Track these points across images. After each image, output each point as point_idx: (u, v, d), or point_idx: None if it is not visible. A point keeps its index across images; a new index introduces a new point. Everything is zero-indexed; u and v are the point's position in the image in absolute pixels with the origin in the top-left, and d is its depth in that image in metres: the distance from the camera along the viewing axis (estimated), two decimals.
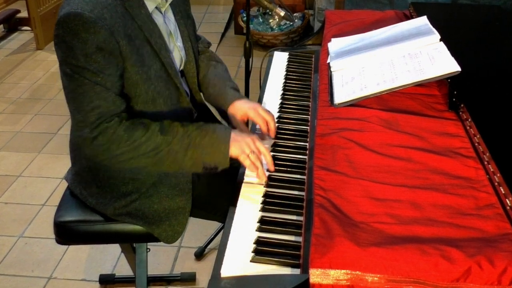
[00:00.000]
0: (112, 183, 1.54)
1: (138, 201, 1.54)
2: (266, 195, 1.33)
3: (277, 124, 1.60)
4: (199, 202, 1.60)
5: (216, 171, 1.42)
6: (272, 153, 1.49)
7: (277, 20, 4.51)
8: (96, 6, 1.32)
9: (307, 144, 1.53)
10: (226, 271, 1.10)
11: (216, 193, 1.61)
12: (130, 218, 1.55)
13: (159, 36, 1.46)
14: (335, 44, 1.89)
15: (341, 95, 1.58)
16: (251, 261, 1.12)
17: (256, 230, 1.21)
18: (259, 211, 1.28)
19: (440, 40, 1.61)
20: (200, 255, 2.38)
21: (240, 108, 1.59)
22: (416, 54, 1.59)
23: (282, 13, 2.35)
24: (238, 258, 1.13)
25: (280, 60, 2.10)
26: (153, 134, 1.37)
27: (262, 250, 1.15)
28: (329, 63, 1.78)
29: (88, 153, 1.40)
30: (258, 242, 1.18)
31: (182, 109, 1.57)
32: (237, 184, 1.40)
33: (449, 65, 1.49)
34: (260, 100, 1.80)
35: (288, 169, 1.43)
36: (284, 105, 1.74)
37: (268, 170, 1.41)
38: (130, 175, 1.52)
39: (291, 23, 4.44)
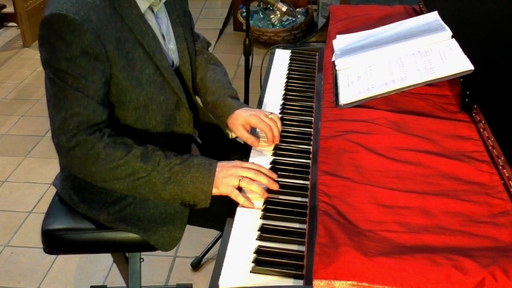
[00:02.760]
0: (106, 186, 1.54)
1: (133, 205, 1.54)
2: (267, 201, 1.33)
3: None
4: (197, 209, 1.59)
5: (195, 208, 1.43)
6: (273, 157, 1.50)
7: (279, 15, 4.52)
8: (82, 7, 1.32)
9: (310, 147, 1.53)
10: (225, 282, 1.10)
11: (214, 200, 1.61)
12: (124, 225, 1.55)
13: (153, 37, 1.47)
14: (340, 41, 1.90)
15: (346, 96, 1.58)
16: (251, 272, 1.12)
17: (257, 239, 1.22)
18: (260, 218, 1.28)
19: (452, 37, 1.62)
20: (197, 265, 2.38)
21: (240, 117, 1.58)
22: (426, 52, 1.60)
23: (284, 8, 2.36)
24: (237, 269, 1.13)
25: (282, 58, 2.11)
26: (133, 159, 1.37)
27: (263, 260, 1.15)
28: (334, 61, 1.79)
29: (63, 162, 1.41)
30: (259, 251, 1.18)
31: (180, 115, 1.58)
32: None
33: (461, 63, 1.49)
34: (260, 101, 1.80)
35: (291, 174, 1.43)
36: (286, 106, 1.75)
37: (268, 190, 1.35)
38: None
39: (294, 19, 4.45)
